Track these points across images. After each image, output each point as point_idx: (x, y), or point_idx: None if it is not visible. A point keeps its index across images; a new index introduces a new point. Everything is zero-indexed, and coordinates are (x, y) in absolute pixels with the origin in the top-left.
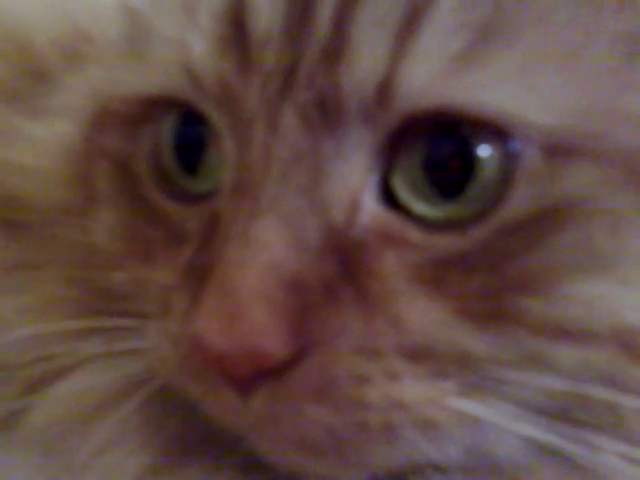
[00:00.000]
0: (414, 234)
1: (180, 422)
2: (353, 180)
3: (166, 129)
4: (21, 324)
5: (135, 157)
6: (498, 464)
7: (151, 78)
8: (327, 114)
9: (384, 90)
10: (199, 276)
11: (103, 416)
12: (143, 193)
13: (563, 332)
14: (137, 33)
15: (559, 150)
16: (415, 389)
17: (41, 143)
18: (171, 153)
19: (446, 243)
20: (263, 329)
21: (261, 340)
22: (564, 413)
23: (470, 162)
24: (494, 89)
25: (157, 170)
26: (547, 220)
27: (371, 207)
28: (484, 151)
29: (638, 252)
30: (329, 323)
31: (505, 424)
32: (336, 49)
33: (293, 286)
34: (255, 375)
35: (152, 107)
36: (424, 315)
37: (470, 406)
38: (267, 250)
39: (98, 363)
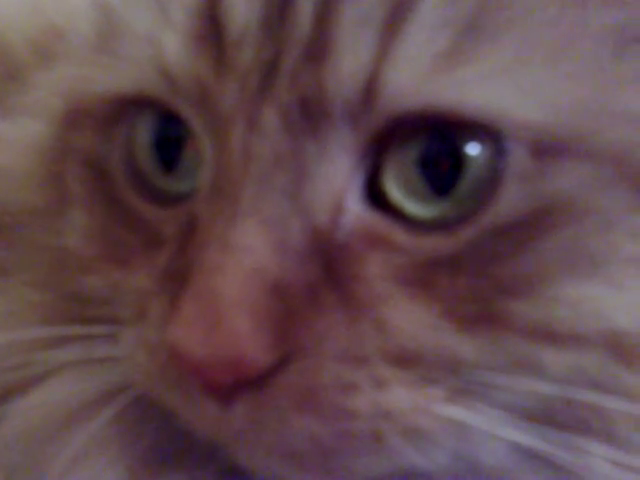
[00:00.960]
0: (401, 235)
1: (157, 432)
2: (337, 182)
3: (141, 128)
4: None
5: (109, 157)
6: (485, 469)
7: (124, 76)
8: (310, 114)
9: (369, 90)
10: (177, 281)
11: (78, 426)
12: (117, 194)
13: (552, 335)
14: (109, 29)
15: (548, 148)
16: (402, 396)
17: (11, 143)
18: (147, 153)
19: (434, 244)
20: (244, 337)
21: (242, 348)
22: (552, 418)
23: (459, 160)
24: (480, 87)
25: (132, 170)
26: (536, 220)
27: (356, 209)
28: (473, 149)
29: (628, 253)
30: (313, 329)
31: (492, 430)
32: (319, 48)
33: (275, 291)
34: (236, 384)
35: (125, 106)
36: (410, 319)
37: (458, 412)
38: (248, 254)
39: (72, 371)
